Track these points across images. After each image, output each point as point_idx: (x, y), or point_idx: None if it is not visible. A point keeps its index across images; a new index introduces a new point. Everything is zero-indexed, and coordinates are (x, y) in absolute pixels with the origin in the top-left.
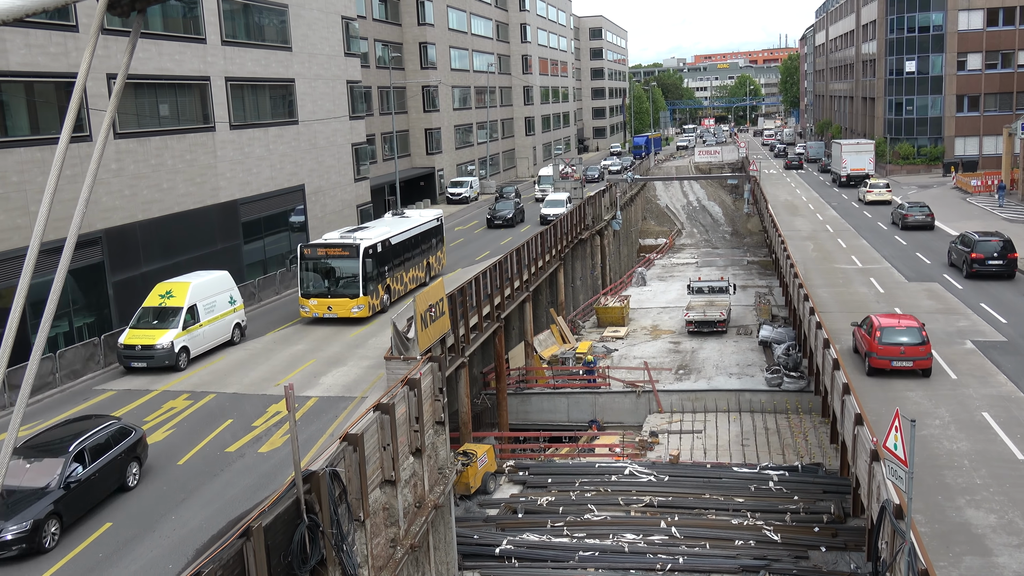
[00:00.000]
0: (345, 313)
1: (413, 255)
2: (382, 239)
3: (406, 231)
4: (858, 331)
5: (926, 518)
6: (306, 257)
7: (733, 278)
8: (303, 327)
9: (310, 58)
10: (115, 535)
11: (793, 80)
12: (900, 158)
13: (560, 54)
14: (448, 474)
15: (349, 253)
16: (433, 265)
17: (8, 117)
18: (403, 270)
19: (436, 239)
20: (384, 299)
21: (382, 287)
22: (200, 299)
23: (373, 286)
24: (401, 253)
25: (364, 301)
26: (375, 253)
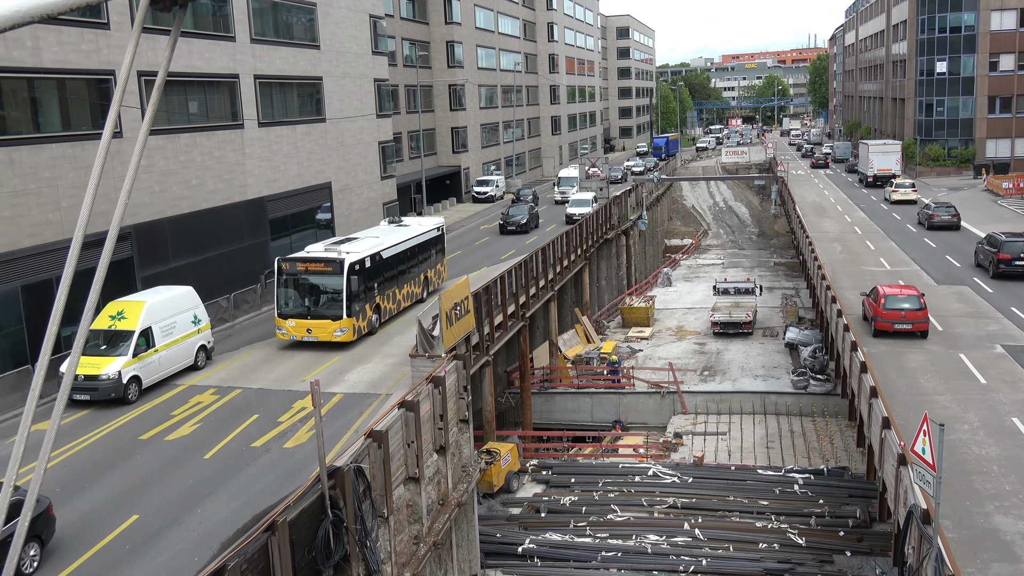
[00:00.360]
0: (326, 337)
1: (409, 269)
2: (371, 252)
3: (401, 242)
4: (866, 300)
5: (954, 523)
6: (284, 272)
7: (759, 279)
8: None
9: (338, 56)
10: (142, 528)
11: (822, 80)
12: (930, 160)
13: (587, 53)
14: (472, 472)
15: (332, 269)
16: (432, 279)
17: (40, 114)
18: (396, 286)
19: (436, 250)
20: (372, 320)
21: (370, 307)
22: (157, 320)
23: (359, 306)
24: (394, 267)
25: (348, 323)
26: (363, 269)
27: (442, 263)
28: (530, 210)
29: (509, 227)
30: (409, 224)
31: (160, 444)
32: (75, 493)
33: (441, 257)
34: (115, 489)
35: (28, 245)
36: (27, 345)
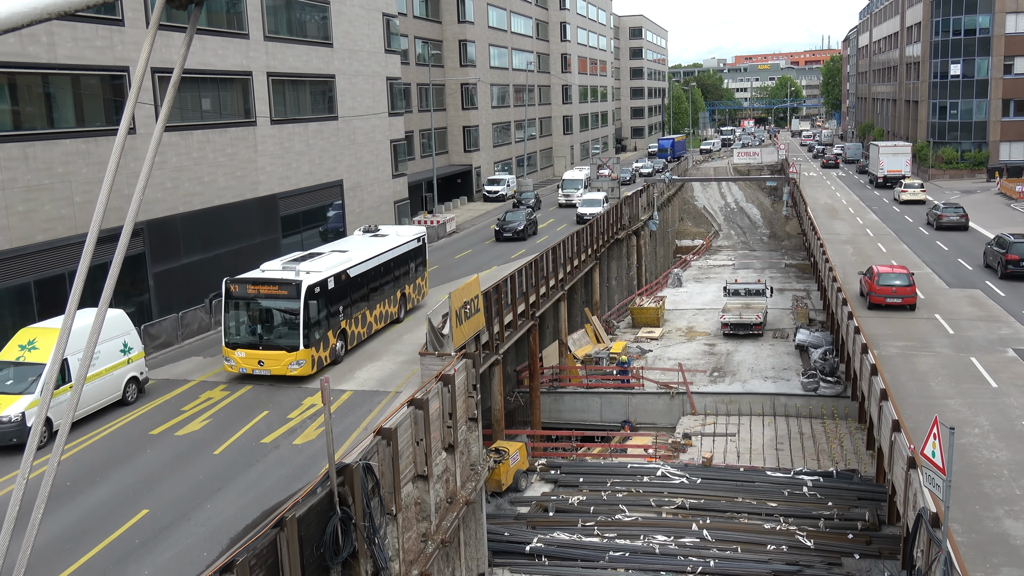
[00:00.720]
0: (280, 370)
1: (383, 286)
2: (336, 271)
3: (374, 256)
4: (863, 278)
5: (963, 527)
6: (233, 295)
7: (770, 281)
8: None
9: (351, 54)
10: (151, 522)
11: (835, 82)
12: (943, 162)
13: (599, 53)
14: (480, 471)
15: (287, 292)
16: (411, 296)
17: (55, 109)
18: (367, 307)
19: (416, 263)
20: (337, 347)
21: (334, 333)
22: (76, 351)
23: (320, 333)
24: (365, 285)
25: (306, 355)
26: (324, 291)
27: (423, 277)
28: (528, 216)
29: (505, 234)
30: (387, 234)
31: (170, 439)
32: (86, 487)
33: (422, 271)
34: (125, 484)
35: (41, 240)
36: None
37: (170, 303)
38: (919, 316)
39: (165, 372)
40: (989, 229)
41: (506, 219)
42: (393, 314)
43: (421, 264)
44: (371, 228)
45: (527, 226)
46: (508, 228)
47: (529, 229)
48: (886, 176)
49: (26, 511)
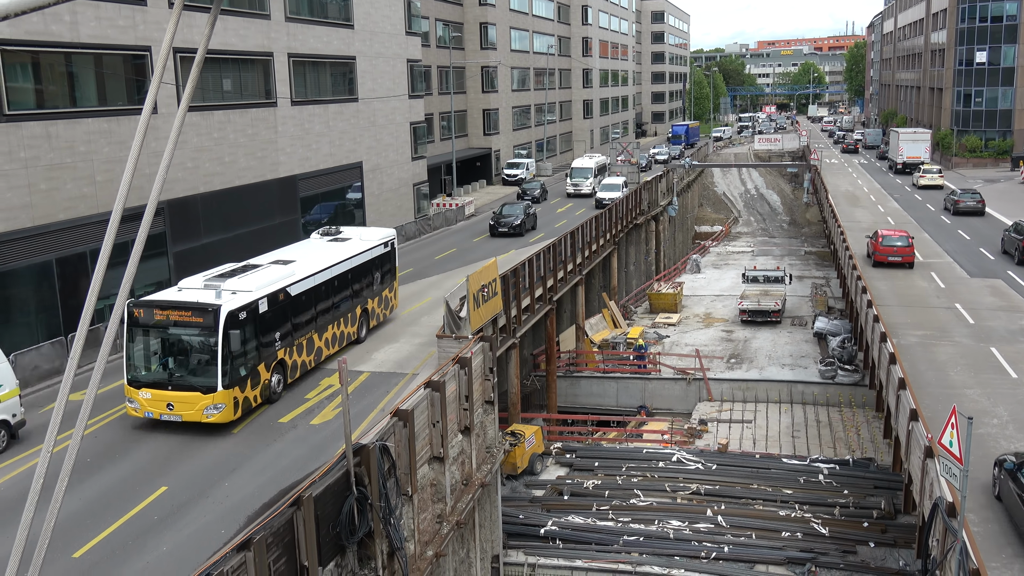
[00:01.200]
0: (194, 416)
1: (338, 302)
2: (273, 289)
3: (327, 268)
4: (869, 240)
5: (979, 518)
6: (137, 322)
7: (789, 268)
8: None
9: (371, 36)
10: (170, 499)
11: (859, 68)
12: (967, 151)
13: (621, 37)
14: (496, 453)
15: (204, 320)
16: (375, 310)
17: (77, 88)
18: (315, 329)
19: (383, 271)
20: (272, 383)
21: (267, 366)
22: None
23: (247, 367)
24: (313, 304)
25: (225, 397)
26: (255, 315)
27: (391, 288)
28: (526, 209)
29: (500, 229)
30: (348, 237)
31: None
32: (105, 464)
33: (390, 281)
34: (144, 461)
35: (63, 218)
36: (61, 317)
37: None
38: (938, 306)
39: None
40: (1008, 216)
41: (502, 212)
42: (351, 335)
43: (389, 273)
44: (331, 231)
45: (525, 220)
46: (504, 223)
47: (527, 224)
48: (905, 162)
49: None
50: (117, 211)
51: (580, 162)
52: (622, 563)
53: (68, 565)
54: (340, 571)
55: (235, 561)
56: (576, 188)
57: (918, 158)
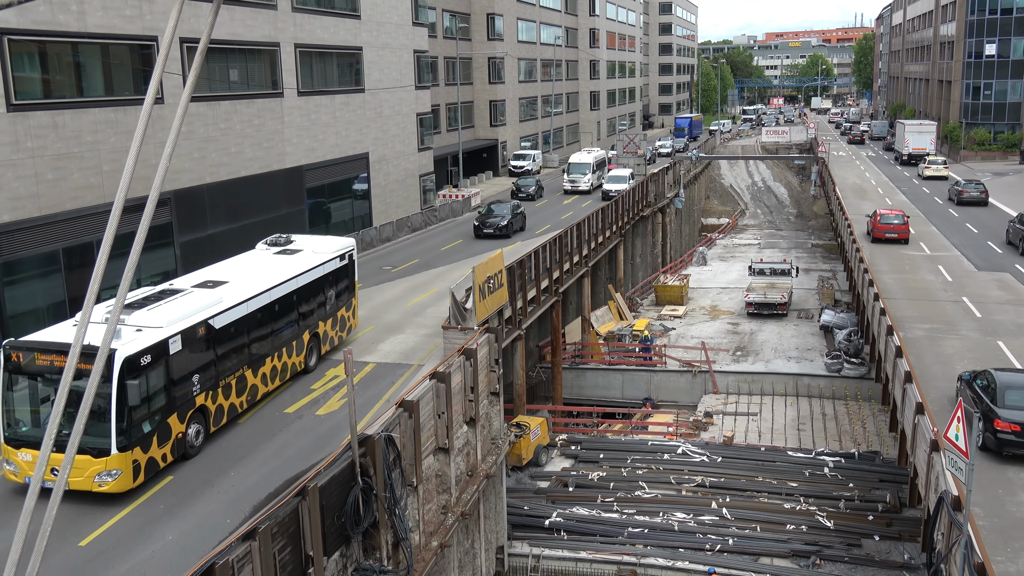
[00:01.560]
0: (83, 483)
1: (281, 329)
2: (191, 323)
3: (268, 290)
4: (869, 220)
5: (985, 512)
6: (18, 368)
7: (796, 261)
8: (361, 293)
9: (378, 27)
10: (176, 488)
11: (867, 61)
12: (975, 144)
13: (628, 28)
14: (501, 445)
15: (93, 368)
16: (329, 334)
17: (84, 78)
18: (249, 364)
19: (339, 289)
20: (188, 436)
21: (181, 416)
22: None
23: (153, 422)
24: (247, 334)
25: (122, 461)
26: (164, 359)
27: (349, 307)
28: (514, 209)
29: (485, 230)
30: (300, 249)
31: None
32: None
33: (348, 298)
34: None
35: (70, 208)
36: (67, 306)
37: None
38: (945, 299)
39: None
40: (1013, 208)
41: (489, 212)
42: (297, 365)
43: (347, 290)
44: (279, 240)
45: (512, 221)
46: (489, 224)
47: (515, 224)
48: (911, 153)
49: None
50: (119, 201)
51: (578, 157)
52: (627, 555)
53: (74, 553)
54: (345, 561)
55: (240, 550)
56: (574, 185)
57: (923, 149)
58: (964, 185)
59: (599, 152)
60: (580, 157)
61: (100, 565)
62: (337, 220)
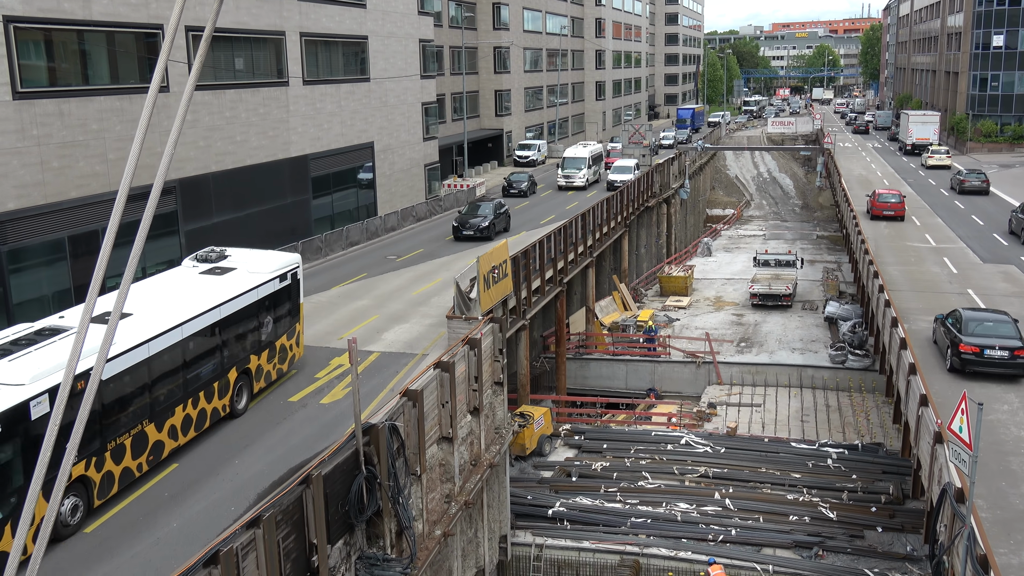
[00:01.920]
0: None
1: (199, 369)
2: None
3: (178, 326)
4: (869, 199)
5: (988, 504)
6: None
7: (801, 252)
8: (367, 282)
9: (384, 16)
10: (180, 476)
11: (874, 52)
12: (982, 135)
13: (634, 18)
14: (504, 434)
15: None
16: (265, 368)
17: (89, 66)
18: (151, 417)
19: (277, 314)
20: (62, 515)
21: (47, 494)
22: None
23: (6, 508)
24: (149, 381)
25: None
26: (22, 426)
27: (292, 333)
28: (497, 208)
29: (465, 231)
30: (233, 267)
31: None
32: None
33: (291, 323)
34: None
35: (75, 196)
36: (72, 294)
37: None
38: (950, 291)
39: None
40: (1015, 197)
41: (470, 211)
42: (220, 410)
43: (289, 315)
44: (211, 255)
45: (494, 222)
46: (470, 224)
47: (498, 225)
48: (915, 143)
49: None
50: (124, 189)
51: (573, 151)
52: (629, 545)
53: (79, 539)
54: (349, 549)
55: (245, 538)
56: (568, 181)
57: (927, 139)
58: (966, 175)
59: (595, 146)
60: (575, 151)
61: (105, 551)
62: (342, 209)
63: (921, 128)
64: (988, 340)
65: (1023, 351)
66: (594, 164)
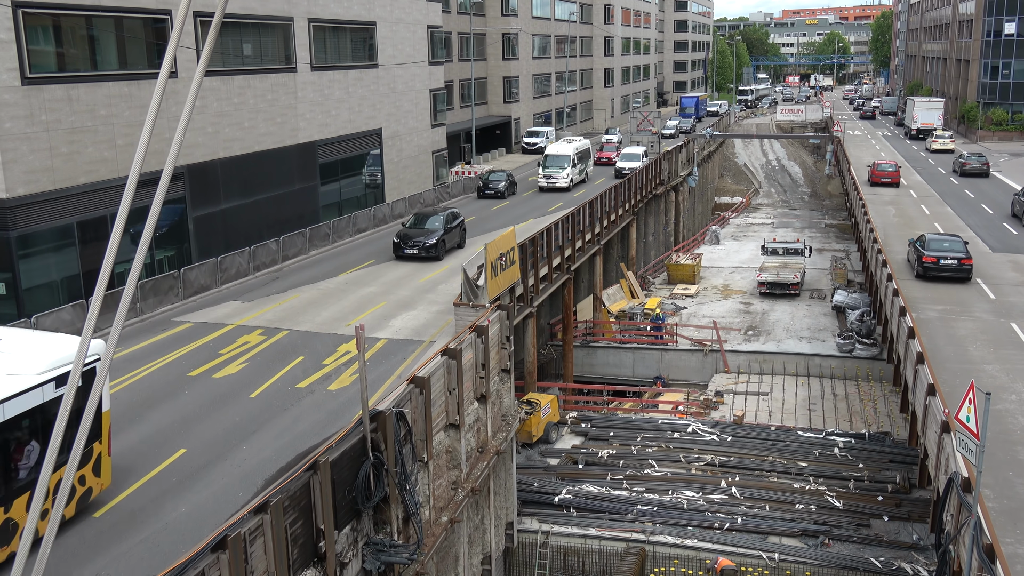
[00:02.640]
0: None
1: None
2: None
3: None
4: (869, 168)
5: (995, 493)
6: None
7: (809, 240)
8: (374, 269)
9: (392, 2)
10: (188, 462)
11: (884, 39)
12: (992, 124)
13: (644, 5)
14: (511, 421)
15: None
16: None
17: (98, 52)
18: None
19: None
20: None
21: None
22: None
23: None
24: None
25: None
26: None
27: (89, 457)
28: (448, 223)
29: (407, 250)
30: None
31: (208, 381)
32: (125, 426)
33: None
34: (163, 424)
35: (84, 182)
36: (81, 280)
37: (209, 247)
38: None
39: (203, 316)
40: (1015, 181)
41: (416, 223)
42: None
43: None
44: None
45: (444, 239)
46: (414, 243)
47: (450, 241)
48: (919, 128)
49: None
50: (134, 175)
51: (555, 148)
52: (635, 532)
53: (88, 524)
54: (355, 535)
55: (252, 523)
56: (549, 181)
57: (931, 124)
58: (967, 158)
59: (582, 142)
60: (558, 148)
61: (114, 536)
62: (349, 196)
63: (926, 113)
64: (942, 253)
65: (968, 260)
66: (580, 162)
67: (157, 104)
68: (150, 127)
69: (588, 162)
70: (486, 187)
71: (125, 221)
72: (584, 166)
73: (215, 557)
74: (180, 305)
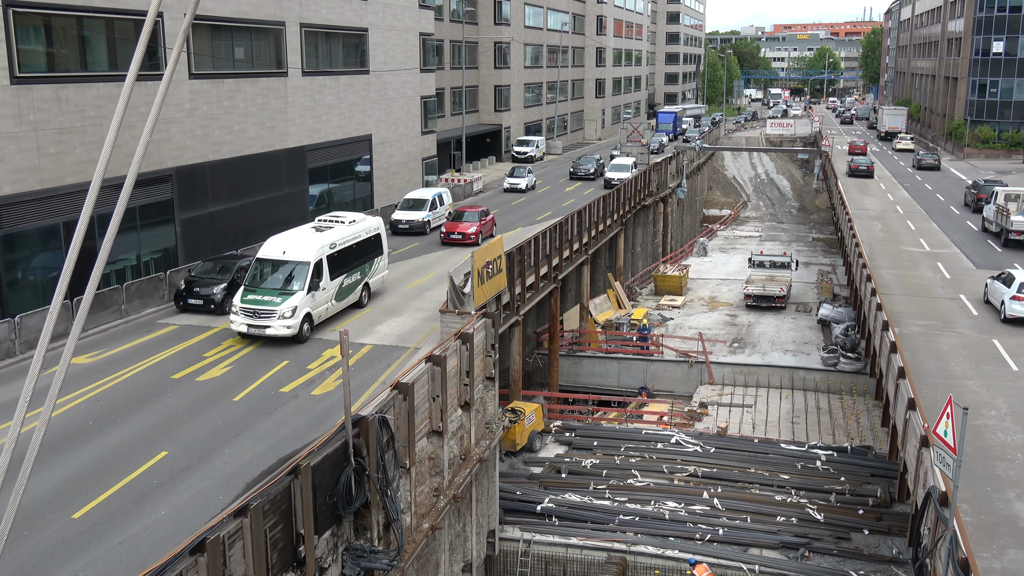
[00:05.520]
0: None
1: None
2: None
3: None
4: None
5: (973, 508)
6: None
7: (796, 254)
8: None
9: (384, 8)
10: (170, 464)
11: (875, 55)
12: (979, 141)
13: (636, 16)
14: (495, 429)
15: None
16: None
17: (88, 52)
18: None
19: None
20: None
21: None
22: None
23: None
24: None
25: None
26: None
27: None
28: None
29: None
30: None
31: (191, 384)
32: (107, 427)
33: None
34: (146, 425)
35: (71, 182)
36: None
37: (196, 250)
38: (943, 296)
39: (188, 318)
40: (963, 173)
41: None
42: None
43: None
44: None
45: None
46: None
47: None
48: (888, 131)
49: None
50: (98, 177)
51: (416, 193)
52: (617, 542)
53: (67, 525)
54: (336, 540)
55: (232, 527)
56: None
57: (897, 128)
58: (922, 155)
59: (439, 190)
60: (417, 193)
61: (93, 537)
62: (338, 201)
63: (892, 119)
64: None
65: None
66: (435, 208)
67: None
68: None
69: (444, 207)
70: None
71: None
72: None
73: (193, 560)
74: (165, 307)
